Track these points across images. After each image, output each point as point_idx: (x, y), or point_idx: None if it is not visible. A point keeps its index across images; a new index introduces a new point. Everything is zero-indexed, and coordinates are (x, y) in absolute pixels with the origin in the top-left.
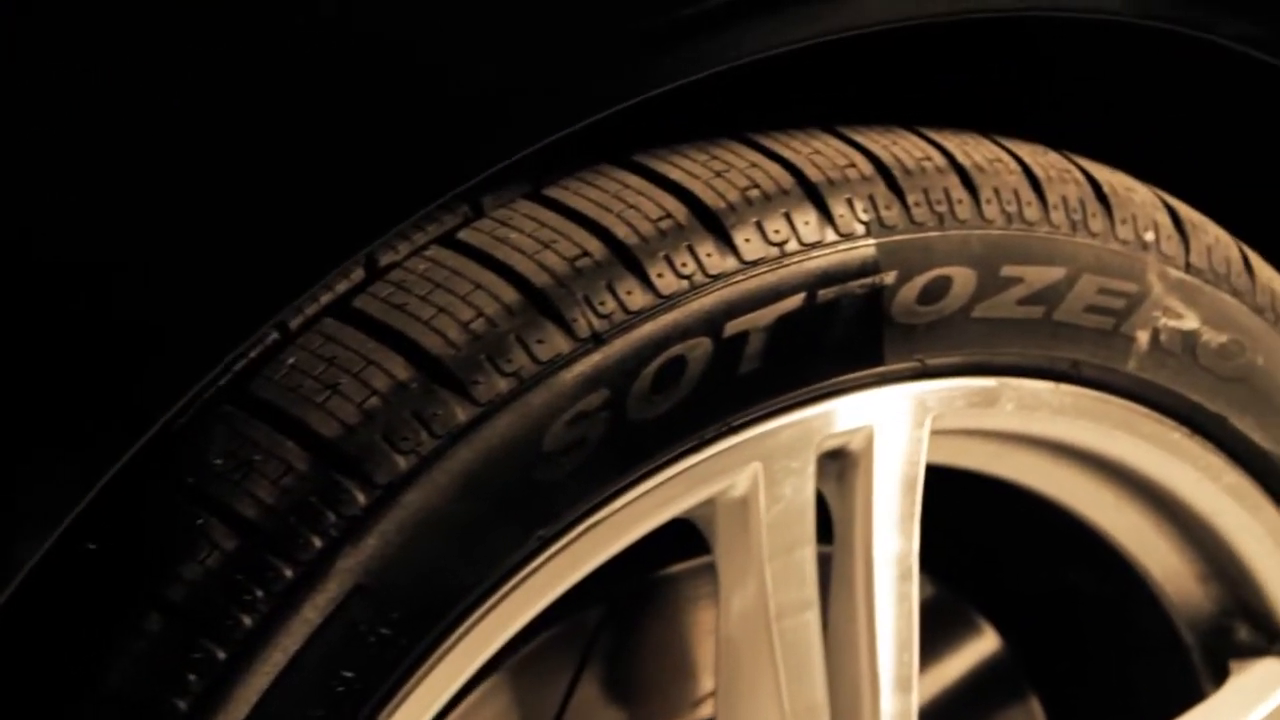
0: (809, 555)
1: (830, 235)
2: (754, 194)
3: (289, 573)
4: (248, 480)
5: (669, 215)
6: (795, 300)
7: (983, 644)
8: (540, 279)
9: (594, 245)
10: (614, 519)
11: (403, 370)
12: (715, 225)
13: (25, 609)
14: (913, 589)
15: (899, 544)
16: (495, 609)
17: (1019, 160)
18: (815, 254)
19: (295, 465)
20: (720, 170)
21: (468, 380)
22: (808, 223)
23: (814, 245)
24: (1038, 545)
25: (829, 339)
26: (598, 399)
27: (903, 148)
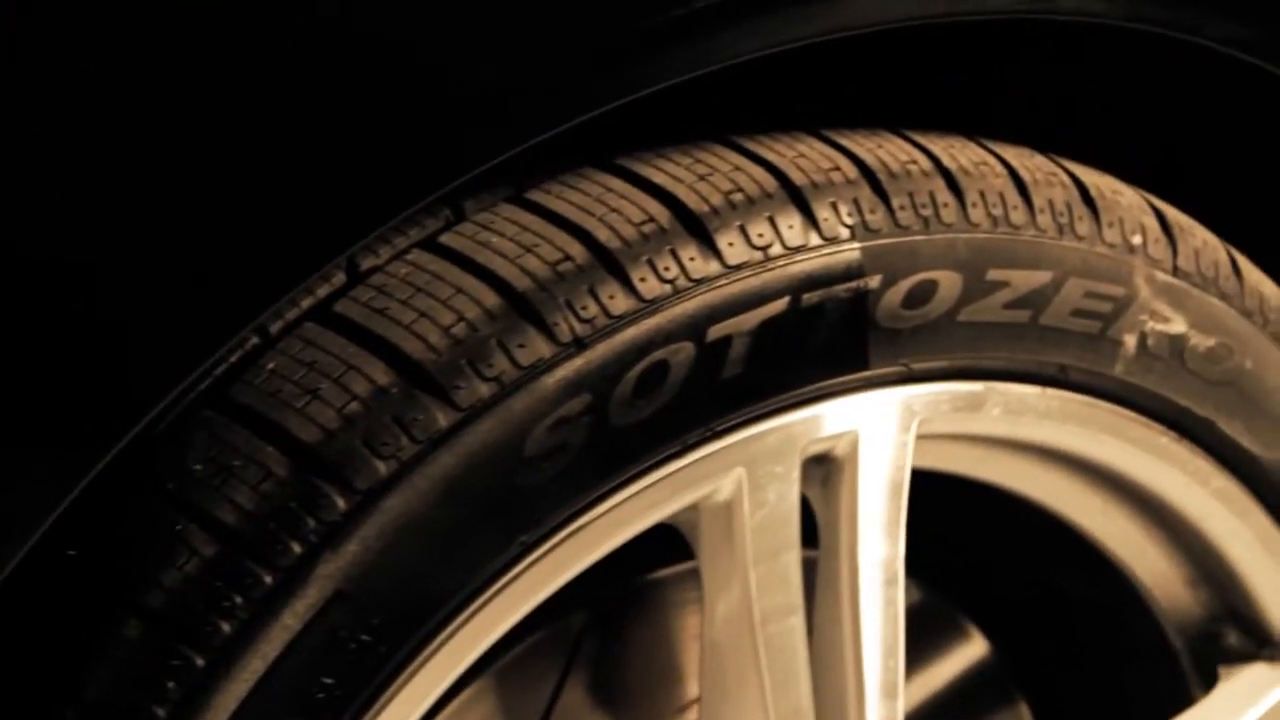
0: (794, 560)
1: (814, 239)
2: (737, 198)
3: (268, 579)
4: (227, 486)
5: (652, 219)
6: (779, 304)
7: (971, 649)
8: (522, 283)
9: (576, 249)
10: (597, 524)
11: (383, 375)
12: (698, 229)
13: (5, 615)
14: (898, 594)
15: (884, 549)
16: (477, 615)
17: (1005, 163)
18: (799, 258)
19: (275, 470)
20: (704, 174)
21: (449, 385)
22: (792, 226)
23: (798, 249)
24: (1026, 550)
25: (813, 343)
26: (579, 404)
27: (888, 151)
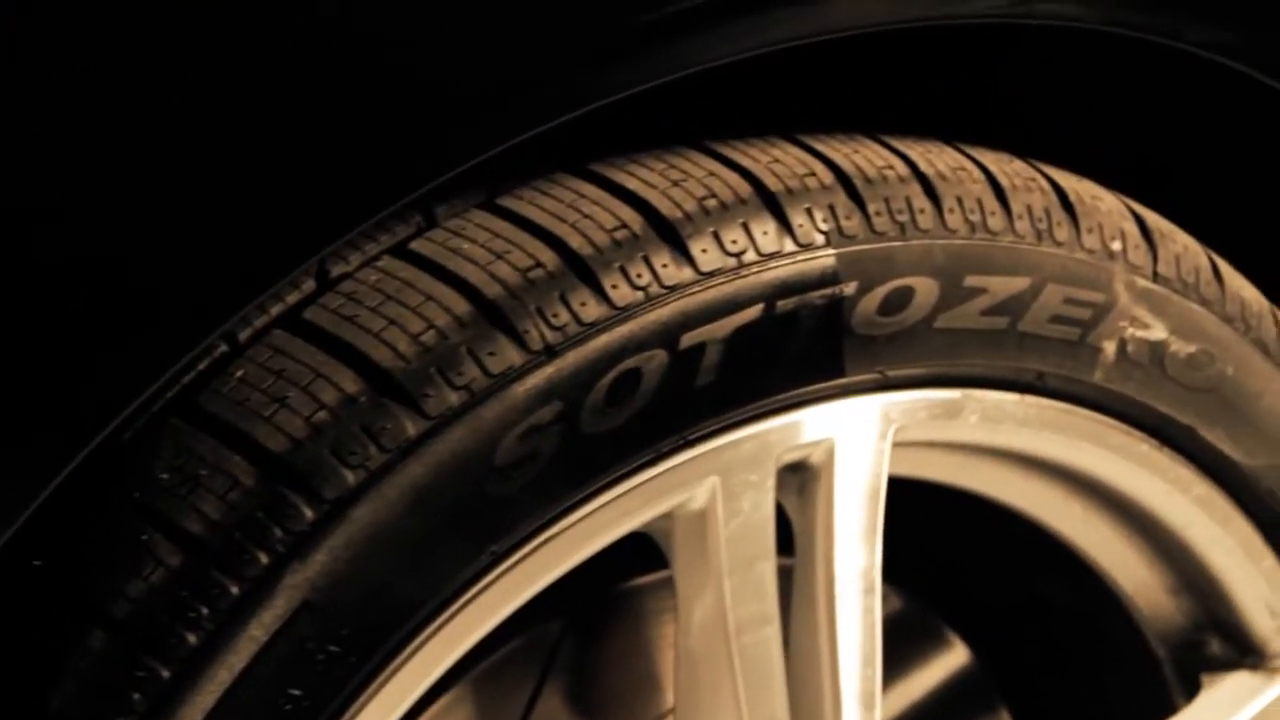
0: (769, 569)
1: (789, 245)
2: (711, 204)
3: (235, 589)
4: (194, 495)
5: (624, 225)
6: (753, 311)
7: (952, 657)
8: (492, 290)
9: (547, 256)
10: (569, 533)
11: (352, 383)
12: (671, 235)
13: None
14: (875, 603)
15: (861, 557)
16: (447, 625)
17: (983, 168)
18: (773, 264)
19: (242, 480)
20: (677, 179)
21: (418, 393)
22: (766, 233)
23: (772, 255)
24: (1006, 557)
25: (788, 351)
26: (550, 412)
27: (864, 156)
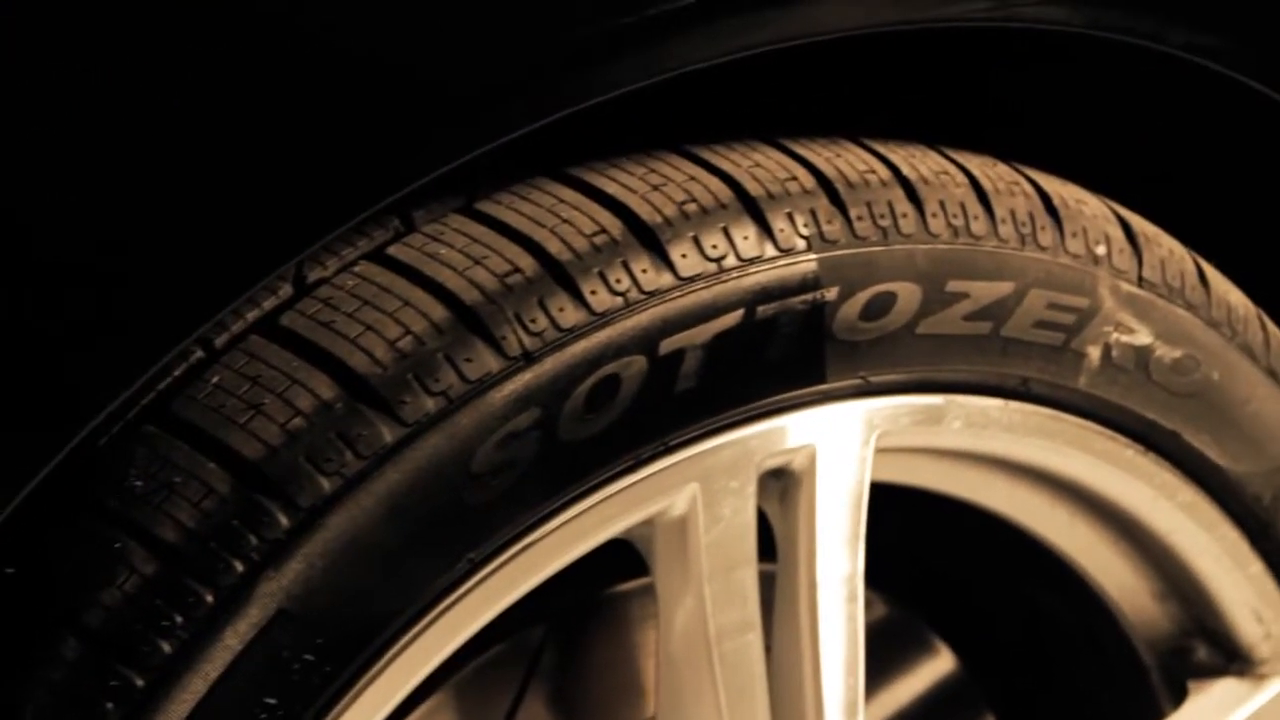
0: (750, 576)
1: (770, 250)
2: (691, 208)
3: (210, 598)
4: (168, 503)
5: (604, 230)
6: (733, 317)
7: (938, 663)
8: (470, 296)
9: (526, 261)
10: (547, 541)
11: (328, 389)
12: (651, 240)
13: None
14: (858, 610)
15: (843, 564)
16: (424, 634)
17: (966, 172)
18: (754, 269)
19: (216, 488)
20: (657, 184)
21: (394, 400)
22: (747, 237)
23: (753, 261)
24: (993, 563)
25: (769, 356)
26: (528, 419)
27: (846, 160)
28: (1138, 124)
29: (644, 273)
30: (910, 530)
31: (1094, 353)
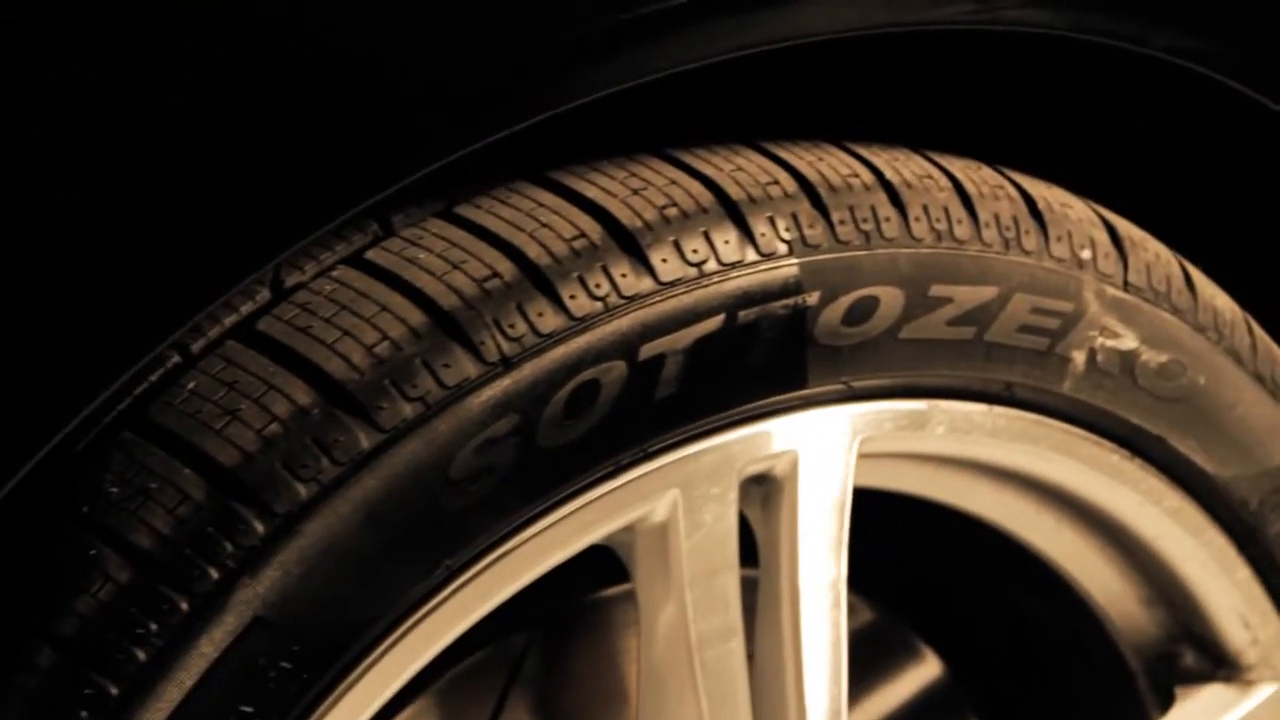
0: (732, 583)
1: (751, 255)
2: (672, 212)
3: (185, 605)
4: (143, 509)
5: (583, 234)
6: (714, 322)
7: (924, 669)
8: (448, 301)
9: (504, 266)
10: (526, 547)
11: (304, 395)
12: (631, 245)
13: None
14: (841, 616)
15: (826, 570)
16: (402, 641)
17: (950, 176)
18: (735, 274)
19: (192, 494)
20: (638, 188)
21: (371, 406)
22: (728, 242)
23: (734, 265)
24: (980, 569)
25: (750, 362)
26: (507, 425)
27: (828, 164)
28: (1123, 127)
29: (624, 277)
30: (895, 535)
31: (1079, 357)
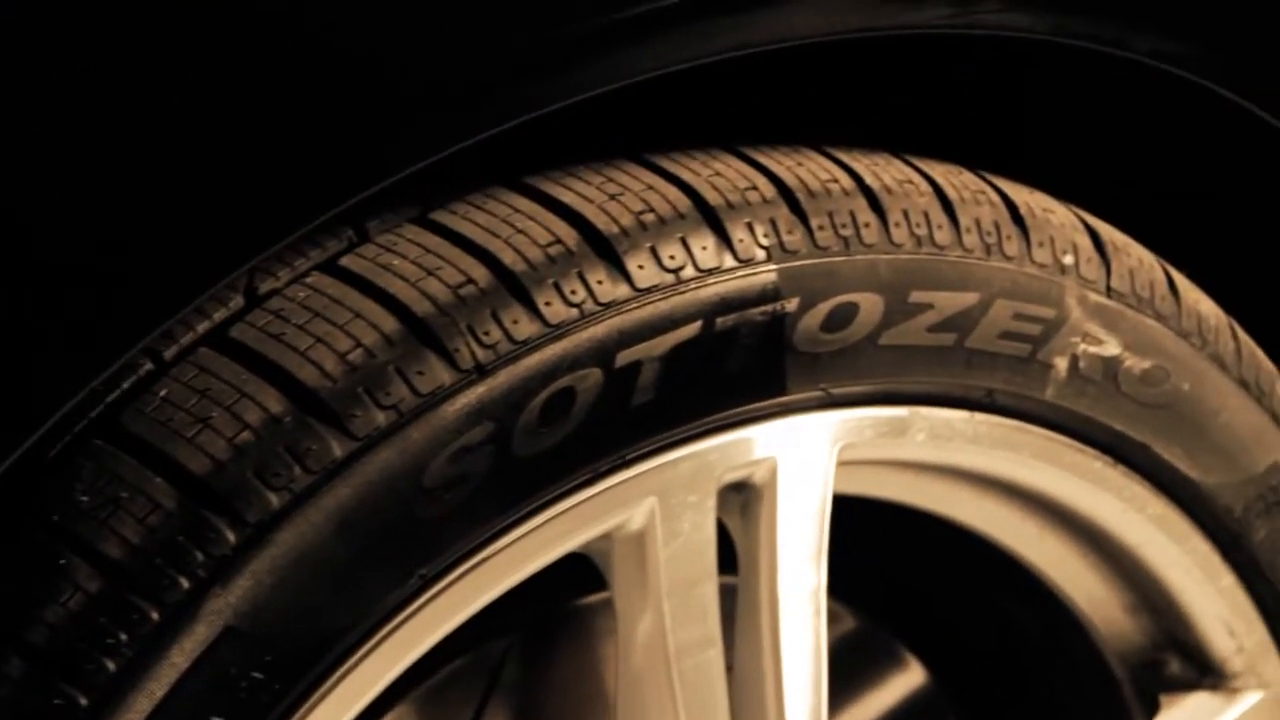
0: (710, 591)
1: (729, 261)
2: (649, 218)
3: (155, 615)
4: (114, 518)
5: (559, 240)
6: (691, 329)
7: (908, 677)
8: (422, 307)
9: (479, 272)
10: (501, 556)
11: (276, 403)
12: (607, 251)
13: None
14: (821, 624)
15: (806, 578)
16: (375, 651)
17: (931, 181)
18: (713, 280)
19: (163, 503)
20: (614, 193)
21: (344, 414)
22: (705, 248)
23: (711, 271)
24: (964, 576)
25: (728, 368)
26: (481, 432)
27: (807, 169)
28: (1106, 131)
29: (600, 284)
30: (878, 543)
31: (1061, 364)
